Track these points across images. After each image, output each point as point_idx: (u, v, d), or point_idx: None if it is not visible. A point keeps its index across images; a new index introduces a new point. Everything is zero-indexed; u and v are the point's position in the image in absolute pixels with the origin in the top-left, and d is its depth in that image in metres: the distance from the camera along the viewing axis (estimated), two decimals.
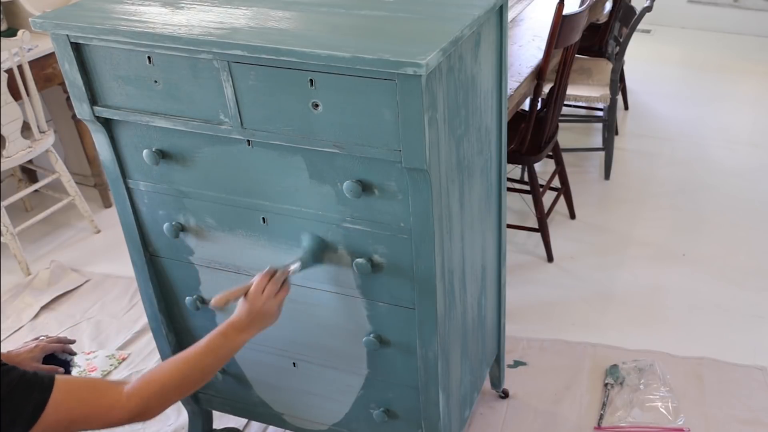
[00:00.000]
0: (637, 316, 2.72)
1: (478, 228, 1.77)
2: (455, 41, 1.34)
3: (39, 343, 1.71)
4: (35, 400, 1.30)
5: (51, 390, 1.32)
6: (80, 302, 2.88)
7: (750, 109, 4.41)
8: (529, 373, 2.46)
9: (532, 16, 3.22)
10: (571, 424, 2.26)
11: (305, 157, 1.48)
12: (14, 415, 1.29)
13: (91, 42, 1.49)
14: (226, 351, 1.51)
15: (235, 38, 1.36)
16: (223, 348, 1.51)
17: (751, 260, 3.02)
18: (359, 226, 1.52)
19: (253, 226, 1.63)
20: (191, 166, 1.60)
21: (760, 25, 5.46)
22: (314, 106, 1.38)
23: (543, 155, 2.88)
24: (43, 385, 1.33)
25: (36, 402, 1.30)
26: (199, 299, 1.81)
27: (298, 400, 1.91)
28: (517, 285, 2.85)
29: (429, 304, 1.55)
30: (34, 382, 1.32)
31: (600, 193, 3.55)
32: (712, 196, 3.48)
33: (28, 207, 3.50)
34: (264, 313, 1.52)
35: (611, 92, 3.36)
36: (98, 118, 1.59)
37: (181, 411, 2.30)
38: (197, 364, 1.48)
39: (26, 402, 1.30)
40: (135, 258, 1.81)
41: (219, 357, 1.51)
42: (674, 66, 5.04)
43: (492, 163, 1.80)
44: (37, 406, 1.30)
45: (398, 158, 1.36)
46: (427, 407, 1.72)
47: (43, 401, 1.31)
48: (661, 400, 2.31)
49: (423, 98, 1.28)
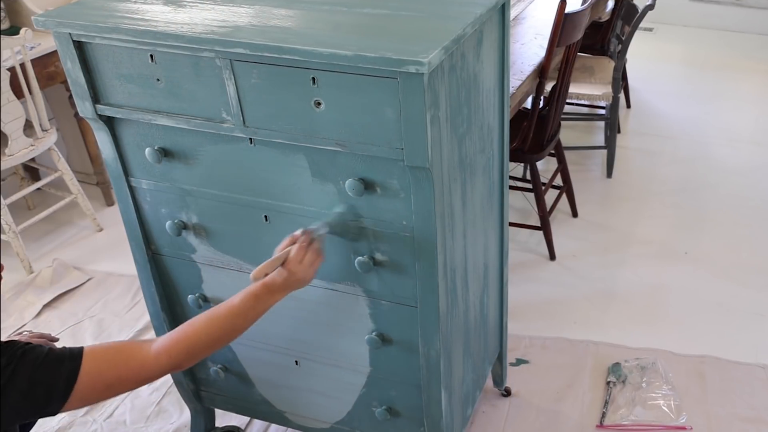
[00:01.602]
0: (640, 314, 2.72)
1: (480, 226, 1.77)
2: (457, 39, 1.34)
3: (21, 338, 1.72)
4: (67, 371, 1.33)
5: (81, 358, 1.35)
6: (83, 300, 2.88)
7: (752, 107, 4.41)
8: (531, 371, 2.46)
9: (534, 15, 3.22)
10: (573, 422, 2.26)
11: (307, 156, 1.48)
12: (49, 388, 1.32)
13: (93, 40, 1.49)
14: (256, 312, 1.51)
15: (238, 36, 1.36)
16: (255, 309, 1.50)
17: (754, 258, 3.01)
18: (361, 224, 1.52)
19: (255, 225, 1.63)
20: (193, 165, 1.61)
21: (763, 23, 5.45)
22: (316, 104, 1.38)
23: (545, 153, 2.88)
24: (73, 355, 1.35)
25: (68, 372, 1.33)
26: (202, 297, 1.81)
27: (300, 399, 1.91)
28: (519, 283, 2.85)
29: (431, 302, 1.55)
30: (62, 354, 1.35)
31: (602, 191, 3.54)
32: (715, 194, 3.48)
33: (30, 205, 3.50)
34: (301, 280, 1.51)
35: (613, 90, 3.36)
36: (101, 117, 1.59)
37: (183, 409, 2.30)
38: (226, 325, 1.48)
39: (58, 374, 1.33)
40: (137, 256, 1.82)
41: (249, 318, 1.51)
42: (676, 64, 5.03)
43: (494, 162, 1.80)
44: (69, 376, 1.33)
45: (400, 156, 1.36)
46: (430, 405, 1.72)
47: (74, 370, 1.34)
48: (663, 399, 2.31)
49: (425, 96, 1.28)
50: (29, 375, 1.30)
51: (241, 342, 1.86)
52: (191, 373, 2.01)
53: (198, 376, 2.02)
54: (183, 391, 2.06)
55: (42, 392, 1.32)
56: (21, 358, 1.31)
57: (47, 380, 1.32)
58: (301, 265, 1.48)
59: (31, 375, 1.31)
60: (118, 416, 2.34)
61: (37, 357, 1.32)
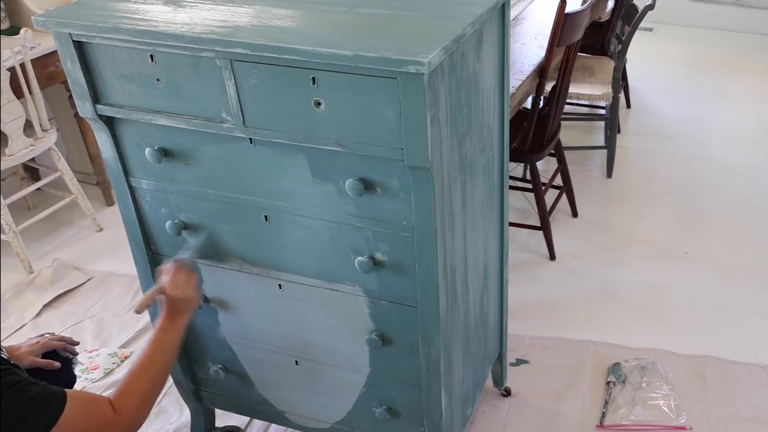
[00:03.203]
0: (640, 314, 2.72)
1: (480, 226, 1.77)
2: (457, 39, 1.34)
3: (41, 340, 1.73)
4: (50, 414, 1.37)
5: (65, 404, 1.38)
6: (83, 300, 2.88)
7: (752, 107, 4.41)
8: (531, 371, 2.46)
9: (534, 15, 3.22)
10: (573, 422, 2.26)
11: (307, 156, 1.48)
12: (32, 428, 1.35)
13: (93, 40, 1.49)
14: (172, 342, 1.62)
15: (238, 36, 1.36)
16: (169, 341, 1.62)
17: (754, 258, 3.01)
18: (361, 224, 1.52)
19: (255, 224, 1.63)
20: (193, 165, 1.61)
21: (763, 23, 5.45)
22: (316, 104, 1.38)
23: (545, 153, 2.88)
24: (59, 400, 1.38)
25: (51, 416, 1.36)
26: (201, 297, 1.81)
27: (300, 398, 1.91)
28: (519, 283, 2.85)
29: (431, 302, 1.55)
30: (50, 397, 1.38)
31: (602, 191, 3.54)
32: (715, 194, 3.48)
33: (30, 205, 3.50)
34: (185, 300, 1.63)
35: (613, 90, 3.36)
36: (101, 117, 1.59)
37: (183, 409, 2.30)
38: (157, 364, 1.58)
39: (43, 416, 1.36)
40: (137, 256, 1.82)
41: (169, 350, 1.62)
42: (676, 64, 5.03)
43: (494, 162, 1.80)
44: (51, 420, 1.36)
45: (400, 156, 1.36)
46: (430, 405, 1.72)
47: (56, 415, 1.37)
48: (663, 398, 2.31)
49: (425, 96, 1.28)
50: (19, 413, 1.33)
51: (241, 342, 1.87)
52: (191, 373, 2.01)
53: (198, 376, 2.02)
54: (183, 391, 2.06)
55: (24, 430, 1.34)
56: (17, 393, 1.34)
57: (32, 420, 1.35)
58: (177, 286, 1.61)
59: (20, 413, 1.33)
60: None
61: (31, 397, 1.35)
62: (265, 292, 1.74)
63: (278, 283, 1.70)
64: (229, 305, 1.81)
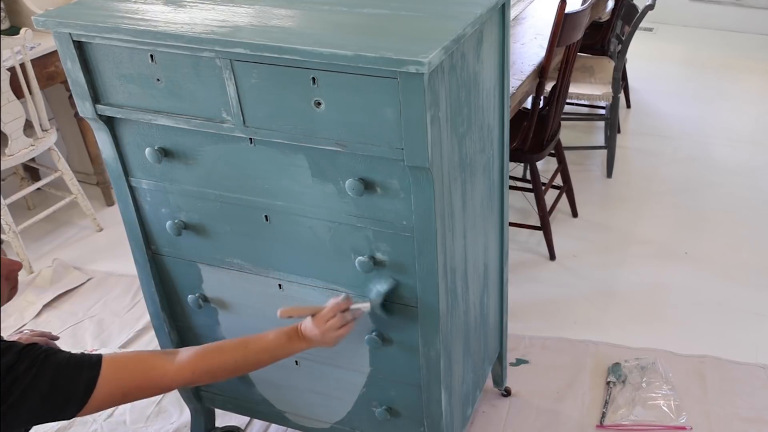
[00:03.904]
0: (640, 314, 2.72)
1: (480, 226, 1.77)
2: (457, 39, 1.34)
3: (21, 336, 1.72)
4: (86, 378, 1.37)
5: (100, 367, 1.39)
6: (83, 300, 2.88)
7: (752, 107, 4.41)
8: (531, 371, 2.46)
9: (534, 15, 3.22)
10: (573, 422, 2.26)
11: (308, 156, 1.48)
12: (67, 393, 1.35)
13: (93, 40, 1.49)
14: (283, 353, 1.58)
15: (238, 36, 1.36)
16: (283, 350, 1.58)
17: (754, 258, 3.01)
18: (361, 224, 1.52)
19: (255, 224, 1.63)
20: (194, 164, 1.61)
21: (763, 23, 5.45)
22: (317, 104, 1.38)
23: (545, 153, 2.88)
24: (92, 363, 1.39)
25: (87, 379, 1.37)
26: (202, 297, 1.81)
27: (300, 398, 1.91)
28: (519, 283, 2.85)
29: (431, 302, 1.55)
30: (83, 361, 1.39)
31: (602, 191, 3.54)
32: (715, 194, 3.48)
33: (30, 205, 3.50)
34: (321, 342, 1.57)
35: (613, 90, 3.36)
36: (101, 117, 1.59)
37: (183, 409, 2.30)
38: (253, 357, 1.56)
39: (78, 380, 1.36)
40: (137, 256, 1.82)
41: (274, 356, 1.58)
42: (676, 64, 5.03)
43: (494, 162, 1.80)
44: (88, 383, 1.37)
45: (401, 156, 1.36)
46: (430, 405, 1.72)
47: (93, 378, 1.38)
48: (663, 398, 2.31)
49: (425, 96, 1.28)
50: (51, 379, 1.33)
51: None
52: None
53: None
54: (183, 391, 2.06)
55: (61, 397, 1.35)
56: (44, 361, 1.34)
57: (67, 385, 1.35)
58: (327, 327, 1.55)
59: (52, 379, 1.33)
60: (118, 416, 2.34)
61: (60, 362, 1.35)
62: (265, 292, 1.74)
63: (278, 283, 1.70)
64: (229, 305, 1.81)
